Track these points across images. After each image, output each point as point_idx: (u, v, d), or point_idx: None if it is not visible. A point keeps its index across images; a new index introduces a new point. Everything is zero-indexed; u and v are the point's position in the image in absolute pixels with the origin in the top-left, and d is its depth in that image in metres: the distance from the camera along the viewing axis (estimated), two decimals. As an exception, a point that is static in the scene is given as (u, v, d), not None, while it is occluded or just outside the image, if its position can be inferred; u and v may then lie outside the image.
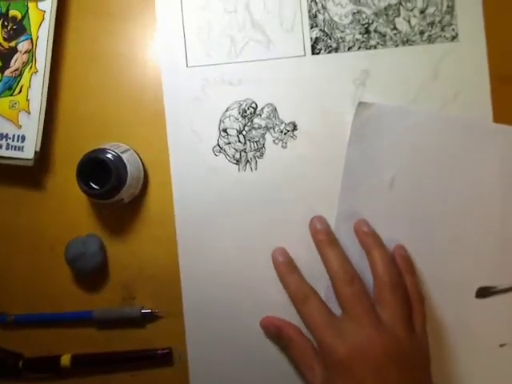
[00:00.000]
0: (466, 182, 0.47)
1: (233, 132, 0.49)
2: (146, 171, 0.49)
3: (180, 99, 0.49)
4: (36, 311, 0.50)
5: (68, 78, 0.50)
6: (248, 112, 0.49)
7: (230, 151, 0.49)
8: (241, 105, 0.49)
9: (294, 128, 0.49)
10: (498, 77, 0.47)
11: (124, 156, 0.45)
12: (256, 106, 0.49)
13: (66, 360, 0.48)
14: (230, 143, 0.49)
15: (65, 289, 0.50)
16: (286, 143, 0.49)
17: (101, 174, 0.44)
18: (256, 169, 0.49)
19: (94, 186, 0.44)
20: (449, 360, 0.47)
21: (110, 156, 0.44)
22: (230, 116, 0.49)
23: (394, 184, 0.47)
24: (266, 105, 0.49)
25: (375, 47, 0.48)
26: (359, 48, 0.48)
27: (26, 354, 0.50)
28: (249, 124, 0.49)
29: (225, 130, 0.49)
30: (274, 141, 0.49)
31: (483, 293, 0.47)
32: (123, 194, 0.45)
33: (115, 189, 0.44)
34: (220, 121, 0.49)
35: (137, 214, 0.49)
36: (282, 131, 0.49)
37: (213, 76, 0.49)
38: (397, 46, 0.48)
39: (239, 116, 0.49)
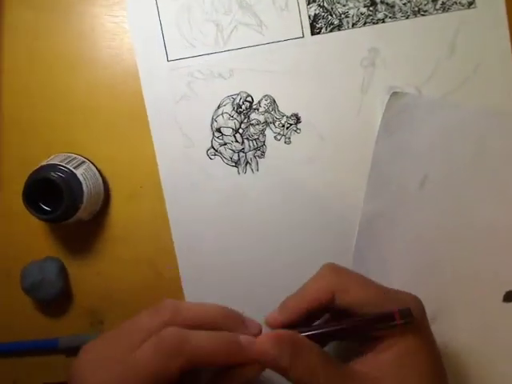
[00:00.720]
0: (502, 184, 0.42)
1: (228, 131, 0.43)
2: (106, 184, 0.43)
3: (163, 99, 0.42)
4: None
5: (8, 82, 0.44)
6: (243, 107, 0.43)
7: (227, 153, 0.43)
8: (234, 99, 0.42)
9: (298, 121, 0.43)
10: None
11: (78, 172, 0.39)
12: (252, 99, 0.42)
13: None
14: (225, 144, 0.43)
15: (25, 317, 0.45)
16: (289, 138, 0.43)
17: (53, 194, 0.38)
18: (258, 170, 0.43)
19: (44, 207, 0.39)
20: (473, 363, 0.42)
21: (60, 174, 0.38)
22: (223, 113, 0.43)
23: (424, 183, 0.41)
24: (264, 97, 0.42)
25: (383, 21, 0.42)
26: (365, 23, 0.42)
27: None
28: (245, 120, 0.43)
29: (219, 130, 0.43)
30: (275, 137, 0.43)
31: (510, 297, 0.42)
32: (81, 214, 0.39)
33: (70, 211, 0.39)
34: (212, 120, 0.43)
35: (99, 231, 0.44)
36: (283, 125, 0.43)
37: (199, 69, 0.42)
38: (407, 17, 0.42)
39: (234, 112, 0.43)
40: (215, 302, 0.43)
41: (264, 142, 0.43)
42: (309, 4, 0.42)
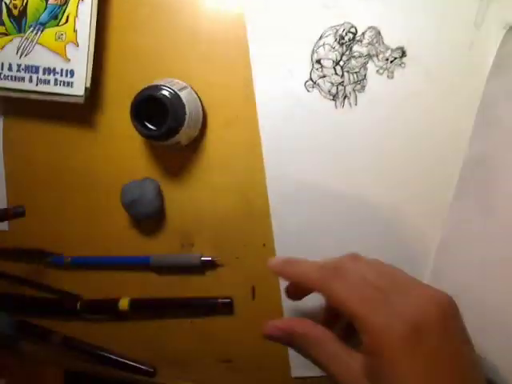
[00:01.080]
0: None
1: (328, 63, 0.42)
2: (205, 111, 0.44)
3: (263, 28, 0.42)
4: (92, 254, 0.49)
5: (118, 7, 0.45)
6: (346, 38, 0.41)
7: (325, 86, 0.42)
8: (337, 30, 0.41)
9: (403, 54, 0.41)
10: None
11: (182, 94, 0.40)
12: (356, 30, 0.41)
13: (124, 303, 0.47)
14: (324, 76, 0.42)
15: (121, 233, 0.48)
16: (392, 73, 0.41)
17: (157, 114, 0.39)
18: (356, 104, 0.42)
19: (149, 126, 0.40)
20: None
21: (166, 93, 0.39)
22: (324, 44, 0.42)
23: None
24: (368, 28, 0.41)
25: None
26: (486, -51, 0.39)
27: (84, 295, 0.49)
28: (347, 53, 0.42)
29: (319, 62, 0.42)
30: (377, 71, 0.41)
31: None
32: (181, 135, 0.41)
33: (172, 130, 0.40)
34: (313, 51, 0.42)
35: (195, 158, 0.45)
36: (387, 59, 0.41)
37: (304, -3, 0.41)
38: None
39: (336, 44, 0.42)
40: (302, 235, 0.44)
41: (365, 75, 0.42)
42: None
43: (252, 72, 0.43)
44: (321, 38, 0.42)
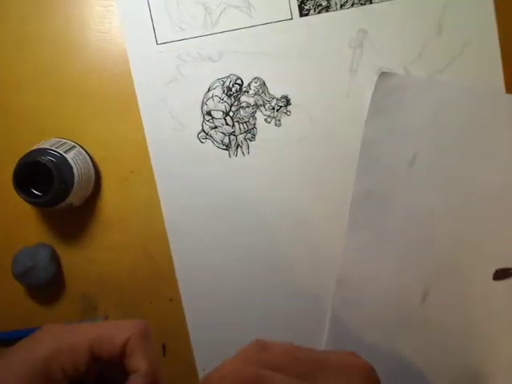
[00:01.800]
0: (486, 161, 0.42)
1: (218, 114, 0.43)
2: (97, 168, 0.43)
3: (153, 83, 0.42)
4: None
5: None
6: (233, 90, 0.43)
7: (218, 136, 0.43)
8: (224, 82, 0.42)
9: (287, 103, 0.43)
10: (507, 22, 0.42)
11: (69, 155, 0.39)
12: (242, 81, 0.43)
13: None
14: (216, 127, 0.43)
15: (16, 305, 0.45)
16: (279, 120, 0.43)
17: (43, 178, 0.38)
18: (248, 153, 0.43)
19: (35, 192, 0.39)
20: (468, 344, 0.43)
21: (51, 158, 0.38)
22: (213, 96, 0.43)
23: (414, 162, 0.42)
24: (253, 79, 0.43)
25: (371, 2, 0.42)
26: (353, 4, 0.42)
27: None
28: (236, 103, 0.43)
29: (209, 113, 0.43)
30: (265, 119, 0.43)
31: (500, 275, 0.43)
32: (71, 198, 0.39)
33: (61, 195, 0.39)
34: (202, 103, 0.43)
35: (91, 217, 0.44)
36: (273, 108, 0.43)
37: (188, 52, 0.42)
38: (394, -3, 0.42)
39: (224, 95, 0.43)
40: (208, 286, 0.43)
41: (254, 124, 0.43)
42: (297, -14, 0.42)
43: (143, 126, 0.43)
44: (209, 90, 0.43)
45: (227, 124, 0.43)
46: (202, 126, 0.43)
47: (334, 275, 0.43)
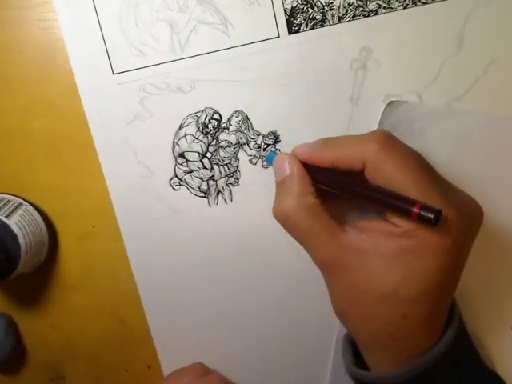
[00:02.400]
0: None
1: (193, 156, 0.36)
2: (51, 226, 0.36)
3: (112, 121, 0.35)
4: None
5: None
6: (210, 126, 0.35)
7: (194, 182, 0.36)
8: (198, 118, 0.35)
9: (276, 140, 0.35)
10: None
11: (12, 220, 0.33)
12: (220, 116, 0.35)
13: None
14: (191, 171, 0.36)
15: None
16: (267, 162, 0.36)
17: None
18: (231, 200, 0.36)
19: None
20: None
21: None
22: (186, 135, 0.35)
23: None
24: (234, 113, 0.35)
25: (376, 12, 0.34)
26: (354, 16, 0.34)
27: None
28: (214, 143, 0.35)
29: (182, 155, 0.36)
30: (250, 160, 0.36)
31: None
32: (20, 269, 0.33)
33: (6, 270, 0.32)
34: (174, 143, 0.35)
35: (50, 280, 0.38)
36: (259, 146, 0.36)
37: (153, 83, 0.34)
38: (405, 7, 0.34)
39: (199, 134, 0.35)
40: (186, 347, 0.38)
41: (237, 166, 0.36)
42: (284, -5, 0.34)
43: (104, 174, 0.36)
44: (181, 127, 0.35)
45: (205, 167, 0.36)
46: (175, 170, 0.36)
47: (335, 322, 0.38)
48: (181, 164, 0.36)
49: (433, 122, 0.35)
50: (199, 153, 0.36)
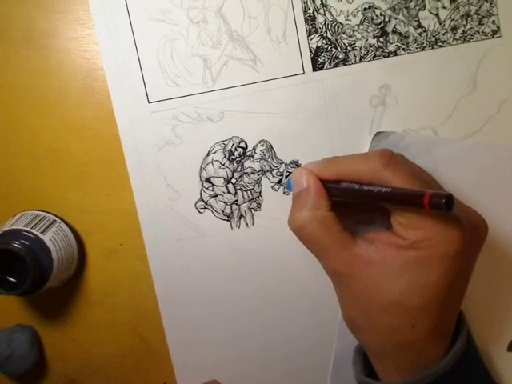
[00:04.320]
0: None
1: (219, 181, 0.38)
2: (80, 243, 0.38)
3: (145, 146, 0.37)
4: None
5: None
6: (236, 154, 0.37)
7: (218, 205, 0.38)
8: (226, 146, 0.37)
9: (298, 169, 0.37)
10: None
11: (47, 236, 0.34)
12: (246, 145, 0.37)
13: None
14: (216, 196, 0.38)
15: None
16: (288, 189, 0.38)
17: (15, 264, 0.33)
18: (253, 224, 0.38)
19: (10, 278, 0.34)
20: None
21: (25, 242, 0.33)
22: (213, 161, 0.37)
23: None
24: (259, 142, 0.37)
25: (395, 54, 0.36)
26: (374, 57, 0.36)
27: None
28: (239, 169, 0.37)
29: (208, 180, 0.37)
30: (272, 187, 0.38)
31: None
32: (50, 284, 0.35)
33: (37, 284, 0.34)
34: (201, 169, 0.37)
35: (75, 295, 0.39)
36: (282, 174, 0.38)
37: (185, 112, 0.37)
38: (423, 49, 0.36)
39: (225, 160, 0.37)
40: (202, 365, 0.39)
41: (260, 192, 0.38)
42: (310, 35, 0.36)
43: (134, 195, 0.38)
44: (208, 154, 0.37)
45: (229, 192, 0.38)
46: (201, 194, 0.38)
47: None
48: (207, 188, 0.38)
49: (421, 151, 0.37)
50: (225, 178, 0.37)
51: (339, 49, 0.36)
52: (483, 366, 0.32)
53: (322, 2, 0.36)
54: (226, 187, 0.38)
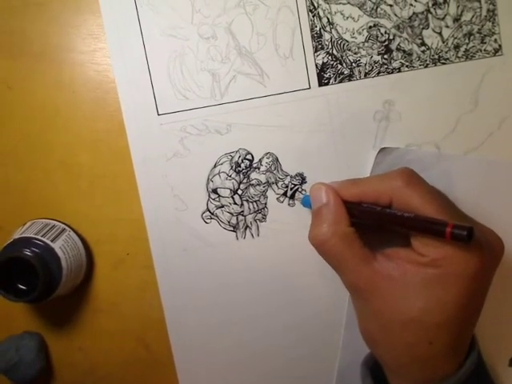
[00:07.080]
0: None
1: (225, 192, 0.38)
2: (89, 251, 0.39)
3: (153, 157, 0.38)
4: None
5: None
6: (242, 166, 0.38)
7: (224, 216, 0.39)
8: (232, 157, 0.38)
9: (303, 181, 0.38)
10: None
11: (57, 244, 0.35)
12: (252, 157, 0.38)
13: None
14: (223, 206, 0.38)
15: None
16: (293, 200, 0.38)
17: (26, 271, 0.33)
18: (258, 235, 0.39)
19: (20, 286, 0.34)
20: None
21: (35, 249, 0.34)
22: (220, 173, 0.38)
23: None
24: (265, 155, 0.38)
25: (399, 70, 0.37)
26: (379, 73, 0.37)
27: None
28: (245, 181, 0.38)
29: (215, 191, 0.38)
30: (278, 198, 0.38)
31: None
32: (60, 291, 0.35)
33: (47, 291, 0.34)
34: (208, 180, 0.38)
35: (82, 303, 0.40)
36: (287, 186, 0.38)
37: (193, 124, 0.37)
38: (426, 66, 0.37)
39: (232, 172, 0.38)
40: (206, 375, 0.39)
41: (265, 204, 0.38)
42: (316, 51, 0.37)
43: (142, 205, 0.38)
44: (215, 165, 0.38)
45: (235, 203, 0.38)
46: (207, 204, 0.38)
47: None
48: (213, 199, 0.38)
49: (425, 167, 0.37)
50: (231, 189, 0.38)
51: (344, 65, 0.37)
52: (491, 382, 0.33)
53: (329, 20, 0.37)
54: (233, 198, 0.38)
